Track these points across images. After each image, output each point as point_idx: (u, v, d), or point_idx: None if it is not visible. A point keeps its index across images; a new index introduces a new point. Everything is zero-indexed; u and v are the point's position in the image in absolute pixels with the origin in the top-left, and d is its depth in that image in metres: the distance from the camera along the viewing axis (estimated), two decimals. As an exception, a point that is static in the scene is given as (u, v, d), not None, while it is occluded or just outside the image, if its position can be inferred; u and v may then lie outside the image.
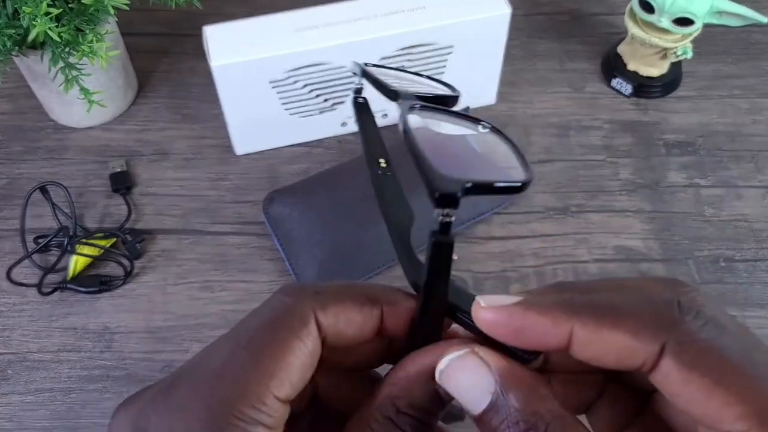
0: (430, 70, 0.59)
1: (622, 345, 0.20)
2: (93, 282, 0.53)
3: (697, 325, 0.20)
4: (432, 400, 0.23)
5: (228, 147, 0.62)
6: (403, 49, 0.56)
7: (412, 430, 0.22)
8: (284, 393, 0.21)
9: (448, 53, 0.58)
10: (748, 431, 0.18)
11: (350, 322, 0.23)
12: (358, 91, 0.34)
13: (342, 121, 0.62)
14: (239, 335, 0.22)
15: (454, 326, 0.24)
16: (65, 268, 0.54)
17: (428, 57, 0.58)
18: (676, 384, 0.19)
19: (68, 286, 0.53)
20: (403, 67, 0.36)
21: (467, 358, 0.22)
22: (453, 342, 0.23)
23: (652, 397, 0.25)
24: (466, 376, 0.22)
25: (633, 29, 0.63)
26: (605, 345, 0.20)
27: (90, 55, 0.51)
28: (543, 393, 0.21)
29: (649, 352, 0.20)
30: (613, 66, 0.67)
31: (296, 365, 0.22)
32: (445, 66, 0.59)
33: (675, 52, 0.63)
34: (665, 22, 0.59)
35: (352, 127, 0.62)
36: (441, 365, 0.22)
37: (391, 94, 0.29)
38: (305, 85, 0.57)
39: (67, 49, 0.52)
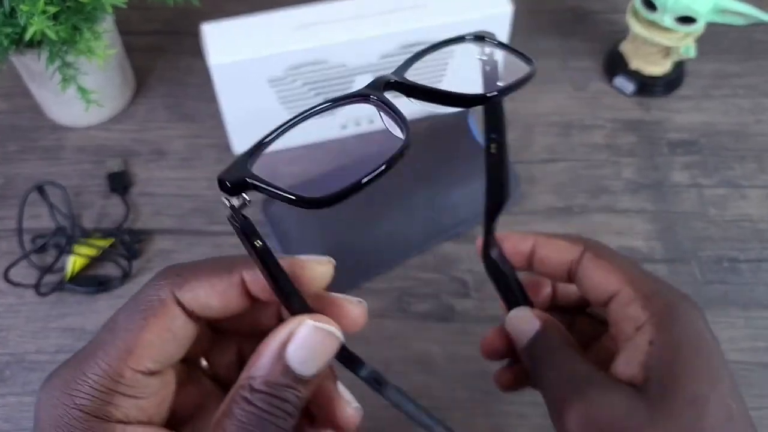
0: (430, 68, 0.58)
1: (562, 245, 0.32)
2: (91, 282, 0.53)
3: (600, 244, 0.32)
4: (285, 374, 0.24)
5: (226, 146, 0.61)
6: (404, 47, 0.56)
7: (269, 405, 0.24)
8: (145, 366, 0.24)
9: (450, 51, 0.57)
10: (621, 290, 0.29)
11: (210, 293, 0.26)
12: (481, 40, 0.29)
13: (342, 123, 0.61)
14: (110, 318, 0.26)
15: None
16: (63, 269, 0.53)
17: (429, 55, 0.57)
18: (589, 268, 0.31)
19: (66, 286, 0.53)
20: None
21: (521, 310, 0.33)
22: (303, 317, 0.26)
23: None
24: (519, 319, 0.32)
25: (635, 27, 0.62)
26: (555, 249, 0.32)
27: (87, 53, 0.51)
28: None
29: (577, 251, 0.31)
30: (615, 64, 0.66)
31: (155, 342, 0.25)
32: (446, 64, 0.59)
33: (678, 51, 0.63)
34: (668, 21, 0.59)
35: (352, 129, 0.62)
36: (509, 316, 0.33)
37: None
38: (305, 84, 0.57)
39: (64, 48, 0.52)
